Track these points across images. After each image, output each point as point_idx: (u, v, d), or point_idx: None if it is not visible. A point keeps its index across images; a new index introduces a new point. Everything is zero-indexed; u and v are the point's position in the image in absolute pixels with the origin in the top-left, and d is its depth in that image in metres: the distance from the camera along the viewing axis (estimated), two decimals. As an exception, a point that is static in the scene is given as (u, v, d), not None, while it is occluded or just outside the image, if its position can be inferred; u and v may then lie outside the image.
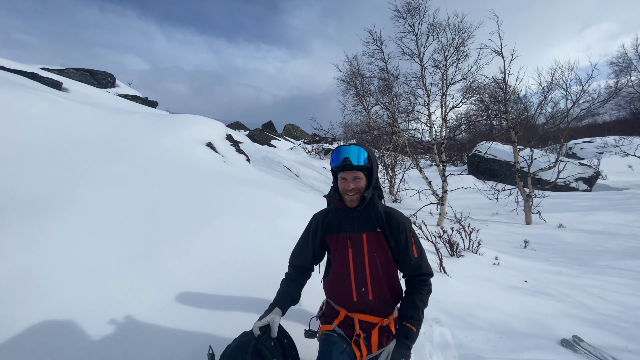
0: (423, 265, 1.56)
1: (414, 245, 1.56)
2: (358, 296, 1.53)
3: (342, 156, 1.52)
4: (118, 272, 2.45)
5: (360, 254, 1.54)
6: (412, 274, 1.56)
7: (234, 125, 33.99)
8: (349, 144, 1.57)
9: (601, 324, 3.08)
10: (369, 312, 1.54)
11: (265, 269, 2.81)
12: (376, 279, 1.52)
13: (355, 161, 1.51)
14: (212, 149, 5.79)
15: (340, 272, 1.58)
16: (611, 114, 22.07)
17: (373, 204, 1.56)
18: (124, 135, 4.97)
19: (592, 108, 10.55)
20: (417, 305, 1.48)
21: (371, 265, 1.53)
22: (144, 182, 3.70)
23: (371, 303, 1.53)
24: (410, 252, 1.54)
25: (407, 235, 1.55)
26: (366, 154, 1.54)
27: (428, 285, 1.55)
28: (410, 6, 9.99)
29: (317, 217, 1.72)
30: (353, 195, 1.54)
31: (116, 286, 2.34)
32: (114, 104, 7.94)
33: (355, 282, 1.53)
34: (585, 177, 17.30)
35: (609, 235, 7.25)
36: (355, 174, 1.53)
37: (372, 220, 1.56)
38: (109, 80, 13.80)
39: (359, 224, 1.57)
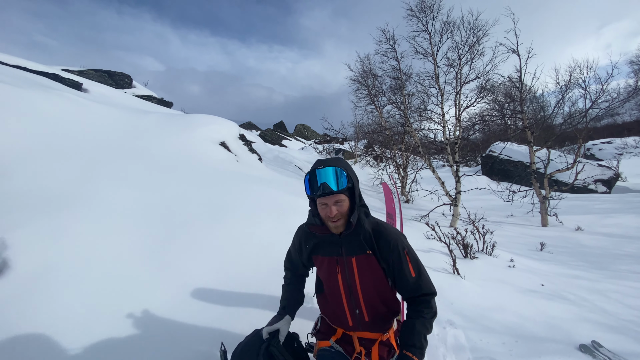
0: (423, 285, 1.40)
1: (410, 263, 1.40)
2: (353, 319, 1.48)
3: (319, 181, 1.34)
4: (135, 268, 2.52)
5: (350, 279, 1.44)
6: (412, 295, 1.41)
7: (246, 125, 34.32)
8: (323, 164, 1.36)
9: (621, 330, 2.99)
10: (367, 329, 1.49)
11: (277, 267, 2.82)
12: (370, 301, 1.45)
13: (335, 186, 1.33)
14: (226, 149, 5.87)
15: (331, 297, 1.51)
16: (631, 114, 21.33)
17: (360, 226, 1.41)
18: (141, 135, 5.09)
19: (612, 108, 10.21)
20: (419, 331, 1.34)
21: (364, 290, 1.44)
22: (160, 180, 3.79)
23: (368, 323, 1.47)
24: (407, 272, 1.39)
25: (399, 254, 1.40)
26: (345, 173, 1.35)
27: (431, 308, 1.39)
28: (423, 5, 9.88)
29: (300, 235, 1.61)
30: (337, 221, 1.39)
31: (133, 281, 2.41)
32: (131, 104, 8.15)
33: (348, 307, 1.47)
34: (604, 178, 16.77)
35: (629, 239, 7.01)
36: (336, 198, 1.36)
37: (361, 242, 1.42)
38: (126, 81, 14.15)
39: (346, 247, 1.44)
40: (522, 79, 9.31)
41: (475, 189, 11.24)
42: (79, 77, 9.80)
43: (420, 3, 9.89)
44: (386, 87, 12.13)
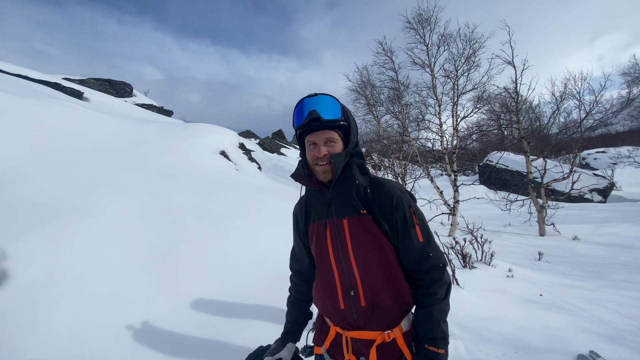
0: (432, 253, 1.11)
1: (417, 225, 1.11)
2: (346, 302, 1.12)
3: (306, 110, 1.09)
4: (135, 277, 2.53)
5: (342, 246, 1.12)
6: (418, 266, 1.11)
7: (245, 133, 34.44)
8: (315, 93, 1.13)
9: (619, 340, 3.01)
10: (363, 325, 1.12)
11: (278, 277, 2.85)
12: (369, 279, 1.11)
13: (325, 114, 1.08)
14: (226, 157, 5.91)
15: (322, 272, 1.19)
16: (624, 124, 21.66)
17: (350, 175, 1.12)
18: (142, 144, 5.12)
19: (605, 118, 10.39)
20: (435, 316, 1.08)
21: (359, 261, 1.11)
22: (161, 189, 3.81)
23: (365, 311, 1.10)
24: (413, 236, 1.09)
25: (404, 213, 1.10)
26: (339, 105, 1.12)
27: (443, 282, 1.10)
28: (421, 17, 10.10)
29: (296, 207, 1.35)
30: (325, 164, 1.12)
31: (133, 291, 2.41)
32: (131, 113, 8.20)
33: (340, 284, 1.13)
34: (600, 188, 16.94)
35: (625, 248, 7.06)
36: (328, 135, 1.10)
37: (353, 198, 1.13)
38: (127, 90, 14.25)
39: (336, 205, 1.15)
40: (517, 90, 9.47)
41: (473, 198, 11.31)
42: (80, 86, 9.87)
43: (417, 16, 10.11)
44: (384, 97, 12.29)
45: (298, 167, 1.22)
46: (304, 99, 1.12)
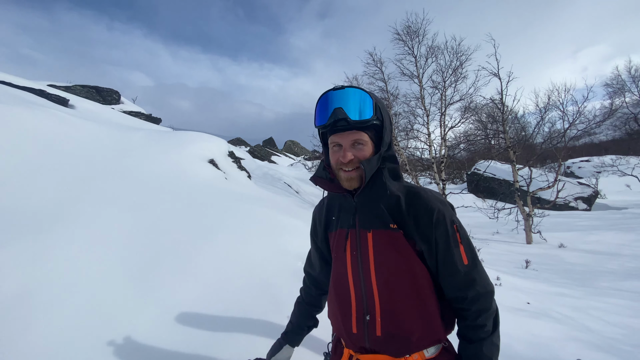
0: (479, 278, 0.93)
1: (461, 245, 0.93)
2: (359, 327, 0.96)
3: (331, 106, 0.92)
4: (118, 291, 2.44)
5: (363, 263, 0.96)
6: (463, 294, 0.93)
7: (235, 141, 34.35)
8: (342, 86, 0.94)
9: (605, 348, 3.04)
10: (378, 349, 0.96)
11: (266, 289, 2.80)
12: (390, 305, 0.93)
13: (354, 114, 0.90)
14: (214, 166, 5.85)
15: (337, 288, 1.04)
16: (607, 134, 22.42)
17: (381, 182, 0.94)
18: (129, 152, 5.04)
19: (589, 128, 10.73)
20: (487, 354, 0.91)
21: (381, 283, 0.93)
22: (147, 199, 3.73)
23: (379, 341, 0.94)
24: (457, 258, 0.92)
25: (446, 230, 0.92)
26: (372, 101, 0.93)
27: (492, 312, 0.94)
28: (409, 30, 10.36)
29: (316, 210, 1.22)
30: (352, 170, 0.95)
31: (116, 305, 2.33)
32: (119, 120, 8.08)
33: (356, 306, 0.97)
34: (585, 196, 17.38)
35: (610, 256, 7.22)
36: (356, 137, 0.93)
37: (382, 210, 0.96)
38: (114, 97, 14.07)
39: (362, 215, 0.99)
40: (503, 100, 9.72)
41: (462, 207, 11.44)
42: (65, 93, 9.70)
43: (406, 28, 10.36)
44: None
45: (319, 168, 1.05)
46: (329, 92, 0.93)
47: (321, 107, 0.95)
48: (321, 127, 0.98)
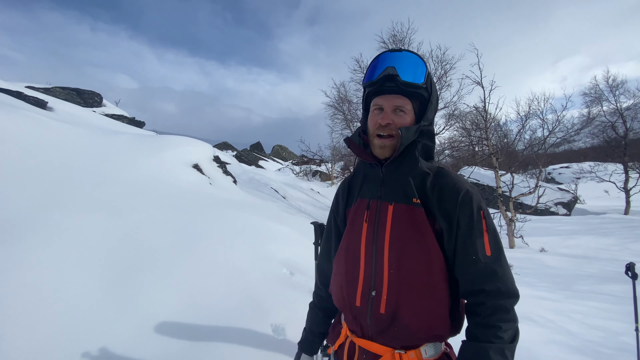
0: (501, 274, 0.82)
1: (486, 234, 0.85)
2: (363, 301, 0.91)
3: (382, 65, 0.89)
4: (95, 302, 2.35)
5: (379, 236, 0.91)
6: (480, 287, 0.83)
7: (221, 145, 33.99)
8: (401, 48, 0.93)
9: (584, 351, 3.10)
10: (375, 335, 0.91)
11: (250, 296, 2.75)
12: (398, 285, 0.87)
13: (405, 74, 0.87)
14: (199, 171, 5.75)
15: (348, 257, 0.98)
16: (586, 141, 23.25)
17: (413, 156, 0.91)
18: (109, 157, 4.90)
19: (568, 136, 11.12)
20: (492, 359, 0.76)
21: (392, 260, 0.88)
22: (127, 205, 3.62)
23: (381, 321, 0.88)
24: (479, 246, 0.83)
25: (472, 213, 0.85)
26: (426, 69, 0.91)
27: (510, 318, 0.80)
28: (395, 38, 10.53)
29: (340, 185, 1.15)
30: (387, 138, 0.92)
31: (92, 316, 2.24)
32: (100, 123, 7.88)
33: (364, 279, 0.92)
34: (564, 201, 17.91)
35: (589, 260, 7.43)
36: (400, 102, 0.90)
37: (409, 183, 0.91)
38: (96, 99, 13.71)
39: (387, 187, 0.94)
40: (486, 108, 9.97)
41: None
42: (44, 95, 9.40)
43: (392, 37, 10.53)
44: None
45: (355, 133, 1.02)
46: (385, 52, 0.92)
47: (373, 66, 0.92)
48: (369, 85, 0.94)
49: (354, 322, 0.96)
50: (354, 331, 0.97)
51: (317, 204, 13.08)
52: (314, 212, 10.57)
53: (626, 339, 3.27)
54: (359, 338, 0.95)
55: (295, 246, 3.87)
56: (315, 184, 20.04)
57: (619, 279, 5.16)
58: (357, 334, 0.96)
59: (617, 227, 10.32)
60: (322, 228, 2.17)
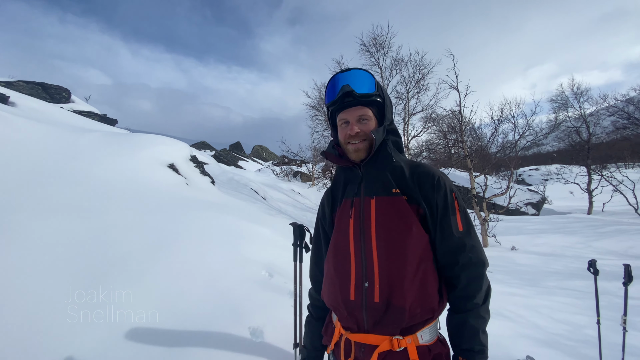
0: (471, 246, 0.96)
1: (458, 212, 0.99)
2: (357, 294, 0.96)
3: (339, 85, 1.03)
4: (61, 308, 2.22)
5: (365, 229, 0.99)
6: (454, 259, 0.96)
7: (199, 145, 33.21)
8: (347, 68, 1.07)
9: (551, 344, 3.25)
10: (371, 327, 0.95)
11: (227, 299, 2.69)
12: (388, 271, 0.94)
13: (359, 88, 1.02)
14: (175, 171, 5.57)
15: (338, 256, 1.05)
16: (553, 145, 24.53)
17: (386, 152, 1.03)
18: (77, 156, 4.65)
19: (537, 140, 11.67)
20: (473, 324, 0.93)
21: (381, 249, 0.95)
22: (97, 206, 3.45)
23: (377, 309, 0.93)
24: (453, 223, 0.97)
25: (446, 196, 0.98)
26: (373, 79, 1.05)
27: (483, 284, 0.96)
28: (375, 42, 10.70)
29: (326, 192, 1.23)
30: (359, 143, 1.04)
31: (58, 324, 2.11)
32: (68, 120, 7.46)
33: (355, 272, 0.98)
34: (534, 202, 18.81)
35: (556, 257, 7.83)
36: (361, 112, 1.04)
37: (387, 177, 1.02)
38: (64, 95, 12.97)
39: (367, 184, 1.04)
40: (461, 112, 10.29)
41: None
42: (5, 89, 8.80)
43: (372, 40, 10.68)
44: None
45: (329, 146, 1.16)
46: (337, 74, 1.06)
47: (331, 87, 1.07)
48: (331, 104, 1.08)
49: (348, 319, 1.00)
50: (349, 328, 1.01)
51: (298, 204, 13.02)
52: (294, 213, 10.52)
53: (589, 331, 3.46)
54: (354, 334, 0.99)
55: (274, 248, 3.82)
56: (295, 184, 19.95)
57: (583, 275, 5.46)
58: (353, 329, 1.00)
59: (581, 226, 10.94)
60: (302, 229, 2.15)
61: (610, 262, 6.54)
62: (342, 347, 1.03)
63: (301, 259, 2.18)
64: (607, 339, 2.83)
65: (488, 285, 0.98)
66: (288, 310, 2.48)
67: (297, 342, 2.14)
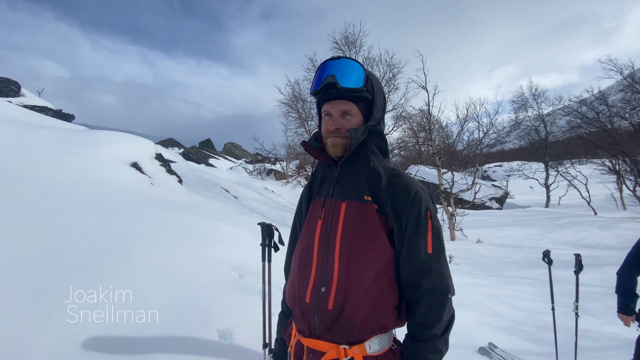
0: (437, 272, 0.90)
1: (430, 233, 0.92)
2: (313, 297, 0.93)
3: (325, 73, 0.95)
4: (7, 319, 2.04)
5: (331, 233, 0.95)
6: (417, 282, 0.90)
7: (166, 142, 31.95)
8: (339, 56, 0.98)
9: (512, 330, 3.45)
10: (322, 333, 0.92)
11: (194, 303, 2.59)
12: (346, 280, 0.90)
13: (344, 81, 0.93)
14: (138, 170, 5.30)
15: (302, 255, 1.02)
16: (514, 142, 26.02)
17: (365, 155, 0.97)
18: (27, 154, 4.29)
19: (500, 137, 12.30)
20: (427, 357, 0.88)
21: (343, 256, 0.91)
22: (51, 208, 3.20)
23: (328, 316, 0.90)
24: (422, 244, 0.90)
25: (419, 213, 0.91)
26: (364, 73, 0.96)
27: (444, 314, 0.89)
28: (347, 40, 10.76)
29: (305, 187, 1.20)
30: (337, 137, 0.98)
31: (6, 333, 1.94)
32: (16, 116, 6.85)
33: (315, 275, 0.95)
34: (497, 197, 19.86)
35: (517, 248, 8.33)
36: (345, 106, 0.97)
37: (362, 181, 0.97)
38: (12, 88, 11.89)
39: (341, 186, 1.00)
40: (430, 111, 10.63)
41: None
42: (-56, 81, 7.97)
43: (344, 38, 10.74)
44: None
45: (312, 137, 1.09)
46: (326, 61, 0.97)
47: (318, 75, 0.98)
48: (314, 94, 1.00)
49: (301, 321, 0.97)
50: (301, 331, 0.98)
51: (271, 203, 12.88)
52: (267, 212, 10.39)
53: (545, 317, 3.71)
54: (306, 338, 0.96)
55: (245, 247, 3.74)
56: (269, 182, 19.71)
57: (540, 265, 5.85)
58: (304, 333, 0.96)
59: (539, 219, 11.70)
60: (270, 229, 2.11)
61: (565, 251, 7.06)
62: (292, 349, 1.01)
63: (270, 259, 2.15)
64: (562, 323, 3.04)
65: (451, 315, 0.92)
66: (258, 311, 2.44)
67: (266, 342, 2.11)
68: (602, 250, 7.83)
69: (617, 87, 15.94)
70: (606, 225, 9.83)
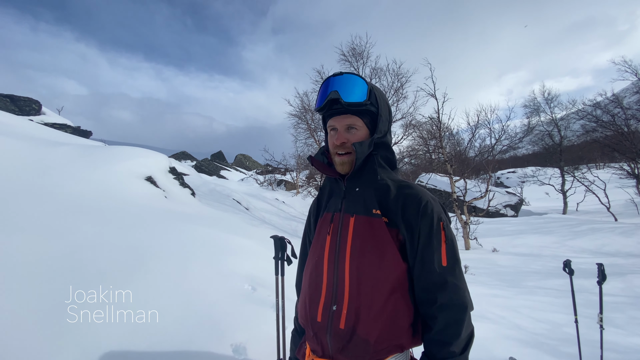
0: (454, 285, 0.86)
1: (444, 244, 0.89)
2: (324, 316, 0.91)
3: (329, 89, 0.95)
4: (27, 335, 2.08)
5: (340, 249, 0.93)
6: (432, 296, 0.87)
7: (179, 155, 32.60)
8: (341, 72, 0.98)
9: (533, 344, 3.31)
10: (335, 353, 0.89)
11: (208, 317, 2.60)
12: (358, 298, 0.87)
13: (347, 96, 0.93)
14: (153, 184, 5.41)
15: (312, 272, 1.00)
16: (528, 148, 25.56)
17: (372, 168, 0.97)
18: (48, 170, 4.44)
19: (512, 144, 12.11)
20: None
21: (353, 273, 0.89)
22: (69, 223, 3.29)
23: (341, 336, 0.87)
24: (435, 256, 0.87)
25: (431, 224, 0.89)
26: (367, 87, 0.95)
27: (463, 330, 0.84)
28: (354, 51, 10.89)
29: (313, 202, 1.20)
30: (344, 155, 0.98)
31: (24, 349, 1.97)
32: (37, 134, 7.14)
33: (326, 293, 0.92)
34: (512, 204, 19.41)
35: (535, 257, 8.06)
36: (350, 121, 0.96)
37: (370, 195, 0.95)
38: (34, 107, 12.42)
39: (349, 200, 0.98)
40: (440, 118, 10.57)
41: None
42: (-29, 102, 8.38)
43: (351, 50, 10.88)
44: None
45: (318, 152, 1.09)
46: (329, 77, 0.97)
47: (322, 91, 0.98)
48: (319, 110, 1.01)
49: (314, 340, 0.94)
50: (315, 351, 0.95)
51: (282, 214, 12.90)
52: (278, 223, 10.40)
53: (568, 329, 3.55)
54: (320, 358, 0.93)
55: (257, 260, 3.75)
56: (280, 193, 19.80)
57: (560, 274, 5.64)
58: (318, 353, 0.94)
59: (557, 226, 11.35)
60: (283, 242, 2.11)
61: (585, 259, 6.79)
62: None
63: (283, 272, 2.14)
64: (586, 336, 2.91)
65: (470, 332, 0.87)
66: (272, 325, 2.42)
67: (280, 358, 2.09)
68: (624, 257, 7.51)
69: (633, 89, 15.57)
70: (627, 232, 9.44)
